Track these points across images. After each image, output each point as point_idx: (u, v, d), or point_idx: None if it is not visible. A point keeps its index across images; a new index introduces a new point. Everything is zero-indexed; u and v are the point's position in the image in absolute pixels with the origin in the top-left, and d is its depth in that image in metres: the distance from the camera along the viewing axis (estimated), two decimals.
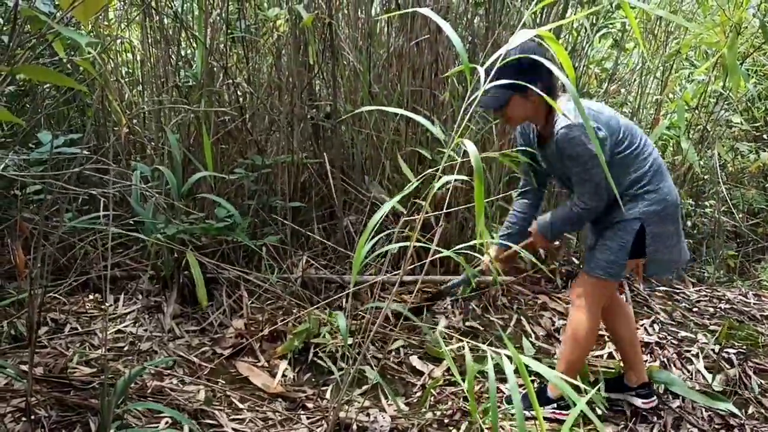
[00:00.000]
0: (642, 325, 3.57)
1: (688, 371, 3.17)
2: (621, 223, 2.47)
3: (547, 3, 3.63)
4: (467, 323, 3.37)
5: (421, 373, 2.96)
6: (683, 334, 3.52)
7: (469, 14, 3.97)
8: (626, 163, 2.45)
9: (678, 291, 4.12)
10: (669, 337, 3.47)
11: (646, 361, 3.21)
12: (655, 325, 3.59)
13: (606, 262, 2.51)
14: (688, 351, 3.33)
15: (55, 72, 1.69)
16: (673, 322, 3.66)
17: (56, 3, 2.67)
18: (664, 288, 4.12)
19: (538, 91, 1.96)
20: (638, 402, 2.81)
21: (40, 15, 1.60)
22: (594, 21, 3.83)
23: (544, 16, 3.73)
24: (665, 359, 3.25)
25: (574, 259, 4.08)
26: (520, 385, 2.45)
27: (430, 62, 3.57)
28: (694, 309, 3.90)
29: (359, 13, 3.86)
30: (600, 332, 3.29)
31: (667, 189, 2.49)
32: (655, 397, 2.83)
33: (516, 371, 1.54)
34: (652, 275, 2.62)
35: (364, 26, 3.70)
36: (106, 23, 3.73)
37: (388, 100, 3.74)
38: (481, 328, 3.35)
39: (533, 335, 3.38)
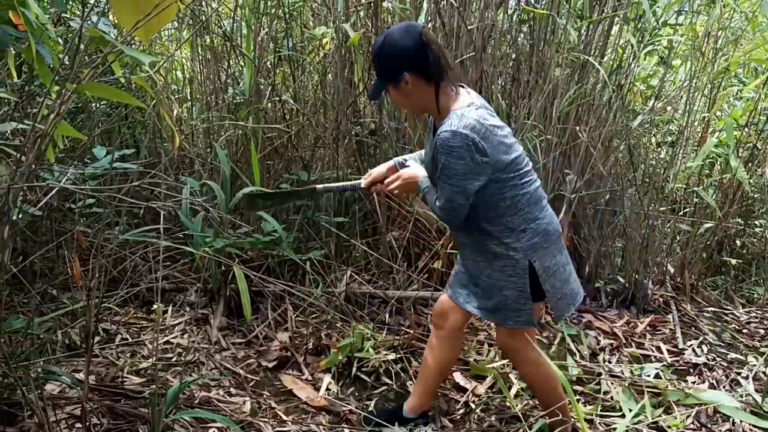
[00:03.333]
0: (690, 346, 3.50)
1: (738, 393, 3.09)
2: (508, 267, 2.25)
3: (593, 21, 3.66)
4: None
5: (464, 390, 2.95)
6: (733, 355, 3.44)
7: (513, 31, 3.99)
8: (504, 191, 2.21)
9: (727, 312, 4.03)
10: (718, 359, 3.40)
11: (694, 382, 3.15)
12: (704, 346, 3.52)
13: (512, 312, 2.31)
14: (738, 373, 3.26)
15: (116, 90, 1.76)
16: (722, 344, 3.58)
17: (114, 23, 2.78)
18: (713, 309, 4.03)
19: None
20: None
21: (105, 35, 1.67)
22: (640, 38, 3.80)
23: (589, 33, 3.72)
24: (714, 381, 3.18)
25: (619, 278, 4.03)
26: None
27: (474, 80, 3.59)
28: (744, 330, 3.81)
29: None
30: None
31: (548, 218, 2.27)
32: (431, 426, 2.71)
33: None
34: (561, 316, 2.32)
35: None
36: (159, 42, 3.85)
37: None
38: None
39: (577, 354, 3.34)
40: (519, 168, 2.21)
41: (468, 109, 2.15)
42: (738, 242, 4.69)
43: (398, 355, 3.07)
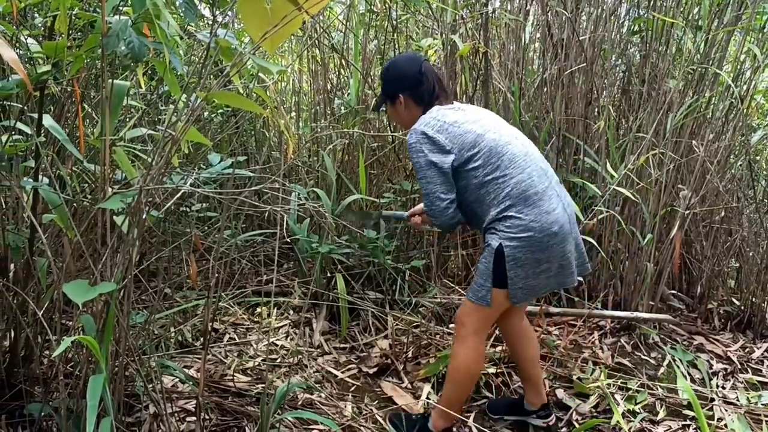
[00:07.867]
0: None
1: None
2: (488, 246, 2.34)
3: (713, 34, 3.51)
4: (616, 359, 3.25)
5: (567, 408, 2.88)
6: None
7: (623, 42, 3.89)
8: (480, 184, 2.33)
9: None
10: None
11: None
12: None
13: (476, 285, 2.38)
14: None
15: (242, 98, 1.84)
16: None
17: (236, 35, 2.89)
18: None
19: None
20: (539, 422, 2.71)
21: (234, 47, 1.75)
22: (763, 49, 3.62)
23: (707, 45, 3.57)
24: None
25: (734, 300, 3.82)
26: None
27: (584, 91, 3.51)
28: None
29: (510, 41, 3.88)
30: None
31: (533, 216, 2.27)
32: (553, 416, 2.73)
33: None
34: (516, 303, 2.36)
35: (517, 54, 3.71)
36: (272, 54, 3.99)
37: (538, 128, 3.72)
38: (632, 366, 3.22)
39: (688, 378, 3.19)
40: (490, 164, 2.31)
41: (428, 113, 2.41)
42: None
43: (499, 369, 3.03)
